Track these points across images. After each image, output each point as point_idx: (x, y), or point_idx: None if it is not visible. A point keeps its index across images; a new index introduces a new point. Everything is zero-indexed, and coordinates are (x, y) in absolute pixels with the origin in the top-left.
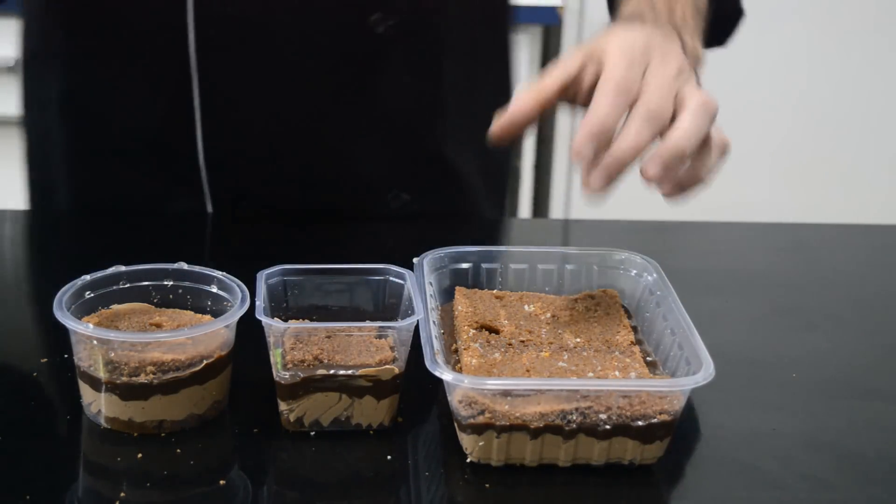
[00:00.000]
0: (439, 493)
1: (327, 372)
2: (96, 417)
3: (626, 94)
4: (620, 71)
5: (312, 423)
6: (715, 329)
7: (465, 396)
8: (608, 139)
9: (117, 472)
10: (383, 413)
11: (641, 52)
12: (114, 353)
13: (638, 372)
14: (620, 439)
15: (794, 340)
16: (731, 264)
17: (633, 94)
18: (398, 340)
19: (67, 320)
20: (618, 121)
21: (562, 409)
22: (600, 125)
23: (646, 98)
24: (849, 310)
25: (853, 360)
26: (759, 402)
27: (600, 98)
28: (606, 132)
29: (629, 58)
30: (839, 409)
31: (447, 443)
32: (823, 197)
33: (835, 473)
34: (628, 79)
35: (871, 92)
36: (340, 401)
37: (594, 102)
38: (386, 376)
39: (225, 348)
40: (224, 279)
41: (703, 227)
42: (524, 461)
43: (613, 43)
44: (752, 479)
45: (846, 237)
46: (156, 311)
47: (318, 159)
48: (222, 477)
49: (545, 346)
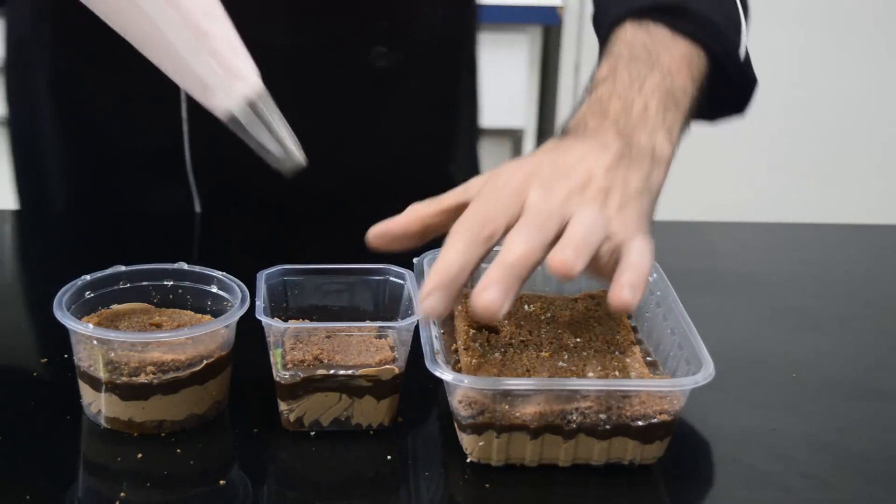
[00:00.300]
0: (439, 493)
1: (327, 372)
2: (96, 417)
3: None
4: (475, 210)
5: (312, 423)
6: (715, 329)
7: (465, 396)
8: (458, 285)
9: (117, 472)
10: (383, 413)
11: (521, 181)
12: (114, 353)
13: (638, 372)
14: (620, 439)
15: (794, 340)
16: (731, 264)
17: (489, 230)
18: (398, 340)
19: (67, 320)
20: (469, 265)
21: (562, 409)
22: (445, 272)
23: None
24: (849, 310)
25: (853, 360)
26: (759, 402)
27: (447, 243)
28: (453, 281)
29: (493, 193)
30: (839, 409)
31: (447, 443)
32: (823, 197)
33: (835, 473)
34: (483, 217)
35: (872, 92)
36: (340, 401)
37: (443, 246)
38: (386, 376)
39: (225, 348)
40: (224, 279)
41: (703, 227)
42: (524, 461)
43: (494, 175)
44: (752, 479)
45: (846, 237)
46: (156, 311)
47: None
48: (222, 477)
49: (545, 346)
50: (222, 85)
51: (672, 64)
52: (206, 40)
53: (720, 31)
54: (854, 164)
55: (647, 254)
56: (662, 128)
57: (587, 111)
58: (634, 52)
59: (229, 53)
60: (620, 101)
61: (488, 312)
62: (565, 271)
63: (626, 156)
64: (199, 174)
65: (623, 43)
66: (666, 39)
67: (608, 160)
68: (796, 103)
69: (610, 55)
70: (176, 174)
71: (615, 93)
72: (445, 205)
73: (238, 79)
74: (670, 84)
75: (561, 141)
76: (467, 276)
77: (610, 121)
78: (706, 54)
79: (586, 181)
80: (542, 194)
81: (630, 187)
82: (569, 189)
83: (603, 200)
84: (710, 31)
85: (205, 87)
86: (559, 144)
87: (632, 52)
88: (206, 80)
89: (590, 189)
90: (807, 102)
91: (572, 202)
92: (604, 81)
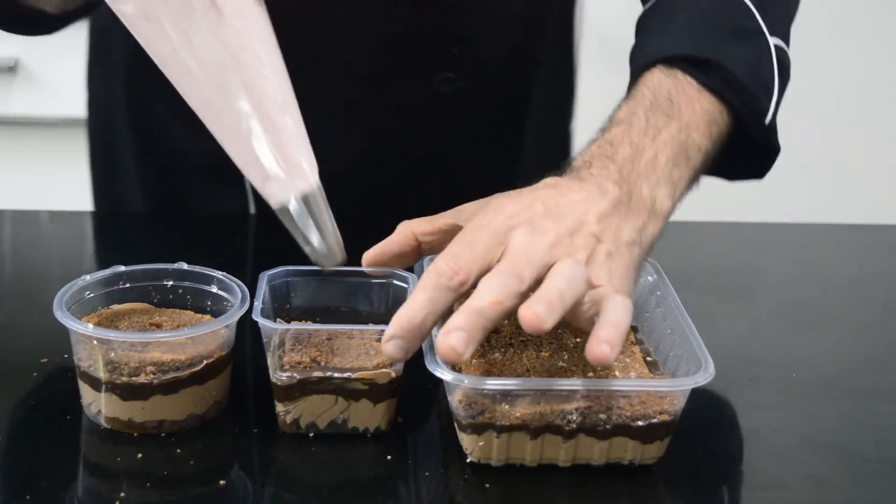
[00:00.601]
0: (439, 493)
1: (323, 374)
2: (96, 417)
3: (451, 279)
4: (451, 253)
5: (309, 426)
6: (715, 329)
7: (465, 396)
8: (421, 334)
9: (117, 472)
10: (380, 417)
11: (507, 219)
12: (114, 353)
13: (638, 372)
14: (620, 439)
15: (794, 340)
16: (731, 264)
17: (460, 278)
18: None
19: (67, 320)
20: (434, 314)
21: (562, 409)
22: (409, 321)
23: (481, 283)
24: (849, 310)
25: (853, 360)
26: (759, 402)
27: (417, 287)
28: (417, 329)
29: (475, 233)
30: (839, 409)
31: (447, 443)
32: (823, 197)
33: (835, 473)
34: (457, 264)
35: (872, 92)
36: (336, 403)
37: (414, 290)
38: (382, 380)
39: (225, 348)
40: (224, 279)
41: (703, 227)
42: (524, 461)
43: (483, 210)
44: (752, 479)
45: (846, 237)
46: (156, 311)
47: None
48: (222, 477)
49: (545, 346)
50: (282, 178)
51: (692, 118)
52: (275, 133)
53: (749, 93)
54: (854, 164)
55: (627, 313)
56: (668, 181)
57: (595, 152)
58: (657, 100)
59: (295, 148)
60: (631, 147)
61: (449, 357)
62: (535, 326)
63: (624, 204)
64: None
65: (648, 87)
66: (692, 91)
67: (603, 207)
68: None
69: (632, 98)
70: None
71: (627, 138)
72: (438, 226)
73: (298, 175)
74: (686, 138)
75: (561, 180)
76: (432, 325)
77: (615, 166)
78: (730, 114)
79: (577, 226)
80: (526, 237)
81: (622, 237)
82: (557, 233)
83: (591, 247)
84: (737, 92)
85: (264, 176)
86: (558, 183)
87: (655, 98)
88: (267, 170)
89: (579, 235)
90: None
91: (559, 249)
92: (619, 124)
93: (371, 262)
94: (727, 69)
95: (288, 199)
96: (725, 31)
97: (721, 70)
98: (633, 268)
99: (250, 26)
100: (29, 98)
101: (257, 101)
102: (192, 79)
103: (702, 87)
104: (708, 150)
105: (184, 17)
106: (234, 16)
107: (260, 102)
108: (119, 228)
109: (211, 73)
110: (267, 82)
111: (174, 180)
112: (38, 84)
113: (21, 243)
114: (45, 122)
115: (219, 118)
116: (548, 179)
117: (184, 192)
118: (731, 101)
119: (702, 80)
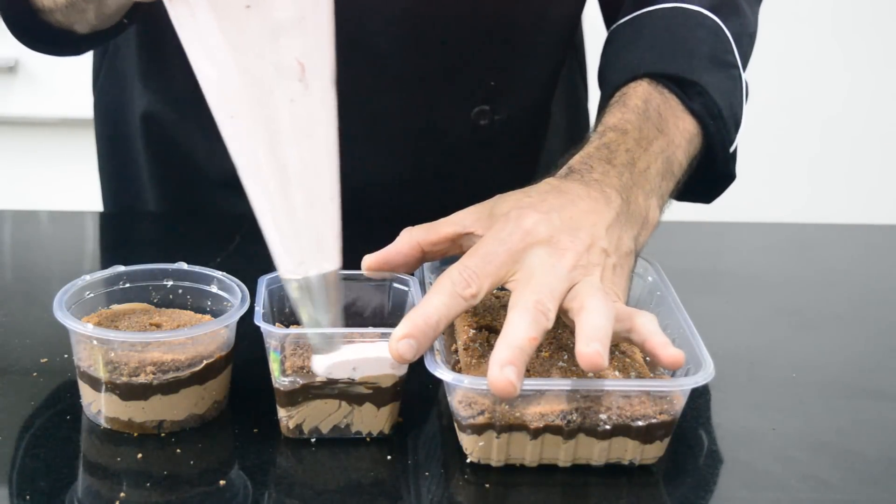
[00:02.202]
0: (439, 494)
1: (326, 378)
2: (96, 417)
3: (465, 288)
4: (467, 264)
5: (312, 431)
6: (715, 329)
7: (465, 397)
8: (432, 337)
9: (117, 472)
10: (383, 421)
11: (525, 234)
12: (114, 353)
13: (638, 372)
14: (620, 439)
15: (794, 340)
16: (731, 264)
17: (474, 289)
18: None
19: (67, 320)
20: (447, 319)
21: (562, 409)
22: (424, 322)
23: (513, 319)
24: (849, 310)
25: (853, 360)
26: (759, 402)
27: (432, 289)
28: (431, 331)
29: (494, 246)
30: (839, 409)
31: (447, 443)
32: (823, 197)
33: (835, 473)
34: (472, 274)
35: (872, 92)
36: (340, 408)
37: (428, 291)
38: (386, 383)
39: (225, 348)
40: (224, 279)
41: (703, 227)
42: (524, 461)
43: (501, 222)
44: (752, 479)
45: (846, 237)
46: (156, 311)
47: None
48: (222, 477)
49: (545, 346)
50: (309, 259)
51: (676, 135)
52: (315, 224)
53: (723, 120)
54: (854, 164)
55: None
56: (657, 192)
57: (594, 154)
58: (648, 112)
59: (330, 237)
60: (627, 155)
61: (506, 391)
62: (599, 365)
63: (624, 213)
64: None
65: (639, 97)
66: (676, 110)
67: (610, 218)
68: (796, 103)
69: (625, 105)
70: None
71: (624, 145)
72: (441, 235)
73: (327, 259)
74: (671, 154)
75: (567, 183)
76: (444, 328)
77: (615, 172)
78: (704, 138)
79: (591, 242)
80: (546, 258)
81: (623, 247)
82: (576, 253)
83: (603, 263)
84: (714, 118)
85: (288, 254)
86: (566, 188)
87: (647, 109)
88: (302, 254)
89: (593, 251)
90: (807, 102)
91: (577, 271)
92: (614, 129)
93: (372, 268)
94: (710, 95)
95: (309, 274)
96: (707, 58)
97: (704, 95)
98: (629, 276)
99: (328, 104)
100: (29, 98)
101: (308, 193)
102: (255, 158)
103: (685, 109)
104: (685, 168)
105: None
106: (319, 90)
107: (311, 193)
108: (119, 228)
109: (287, 135)
110: (325, 161)
111: (187, 185)
112: (38, 84)
113: (21, 243)
114: (45, 122)
115: (266, 196)
116: (552, 180)
117: (197, 196)
118: (707, 126)
119: (685, 102)
